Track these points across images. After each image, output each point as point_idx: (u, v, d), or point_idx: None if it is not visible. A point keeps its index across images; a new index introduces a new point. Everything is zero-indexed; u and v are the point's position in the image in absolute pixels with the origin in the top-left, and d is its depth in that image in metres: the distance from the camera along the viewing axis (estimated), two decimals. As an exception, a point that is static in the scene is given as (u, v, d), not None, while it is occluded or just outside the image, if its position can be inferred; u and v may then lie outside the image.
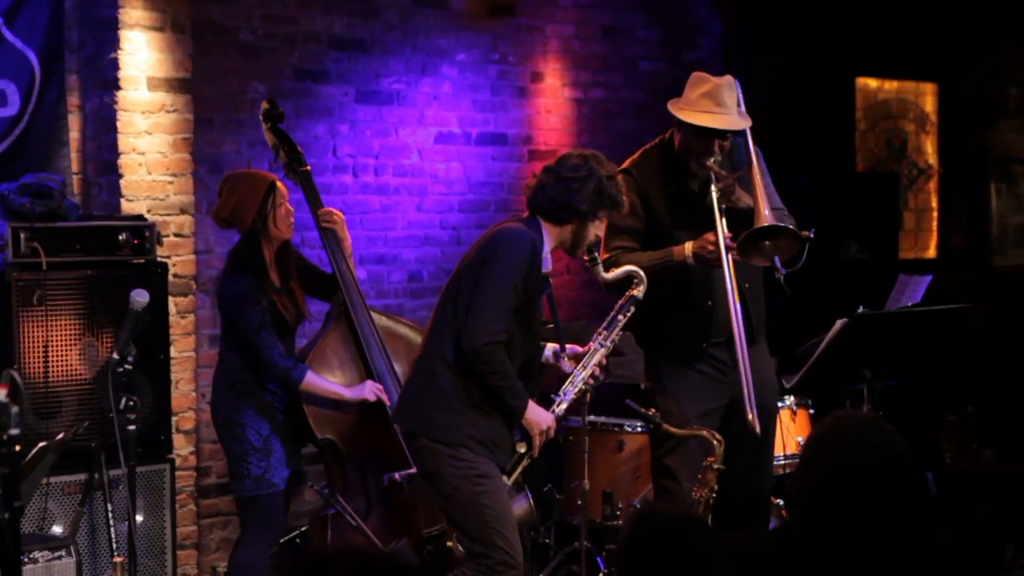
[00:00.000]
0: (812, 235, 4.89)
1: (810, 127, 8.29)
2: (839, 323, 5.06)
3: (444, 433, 4.57)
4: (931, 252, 9.34)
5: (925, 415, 7.17)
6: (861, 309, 5.16)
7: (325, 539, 5.18)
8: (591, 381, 4.88)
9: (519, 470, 4.69)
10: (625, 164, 5.25)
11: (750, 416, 4.94)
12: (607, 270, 5.00)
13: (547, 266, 4.71)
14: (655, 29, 8.10)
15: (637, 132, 7.92)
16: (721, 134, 5.05)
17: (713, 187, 4.99)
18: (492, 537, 4.53)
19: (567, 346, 4.91)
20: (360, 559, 2.29)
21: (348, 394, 5.18)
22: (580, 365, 4.85)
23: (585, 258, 4.77)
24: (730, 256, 4.93)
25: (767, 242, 4.95)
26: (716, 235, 4.93)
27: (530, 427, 4.64)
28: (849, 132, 8.86)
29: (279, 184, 5.21)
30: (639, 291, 4.86)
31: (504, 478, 4.65)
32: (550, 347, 4.89)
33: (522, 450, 4.67)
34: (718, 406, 5.18)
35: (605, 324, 4.88)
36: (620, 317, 4.86)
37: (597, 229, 4.72)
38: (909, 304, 6.13)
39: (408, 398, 4.73)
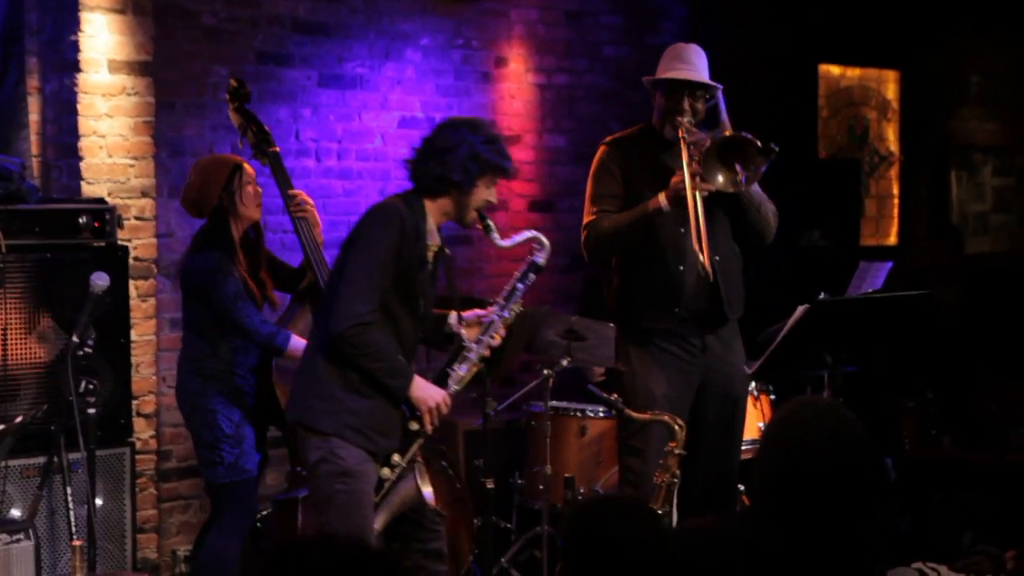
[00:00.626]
0: (776, 148, 4.93)
1: (772, 113, 8.29)
2: (800, 309, 5.08)
3: (318, 421, 4.48)
4: (892, 239, 9.39)
5: (885, 401, 7.21)
6: (822, 295, 5.19)
7: (295, 523, 5.17)
8: (487, 353, 4.74)
9: (413, 449, 4.60)
10: (606, 139, 5.42)
11: (702, 258, 4.94)
12: (589, 232, 5.15)
13: (437, 240, 4.64)
14: (619, 14, 8.10)
15: (601, 117, 7.93)
16: (688, 87, 5.15)
17: (681, 133, 5.06)
18: None
19: (466, 313, 4.81)
20: (333, 544, 2.27)
21: None
22: (477, 337, 4.72)
23: (479, 226, 4.67)
24: (696, 186, 4.95)
25: (731, 164, 4.98)
26: (682, 168, 4.99)
27: (418, 404, 4.54)
28: (811, 119, 8.89)
29: (246, 165, 5.19)
30: (540, 257, 4.76)
31: (396, 456, 4.56)
32: (453, 315, 4.81)
33: (414, 428, 4.59)
34: (688, 388, 5.23)
35: (505, 293, 4.76)
36: (520, 285, 4.75)
37: (485, 195, 4.60)
38: (870, 291, 6.16)
39: (293, 388, 4.65)
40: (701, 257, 4.94)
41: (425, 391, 4.55)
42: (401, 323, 4.55)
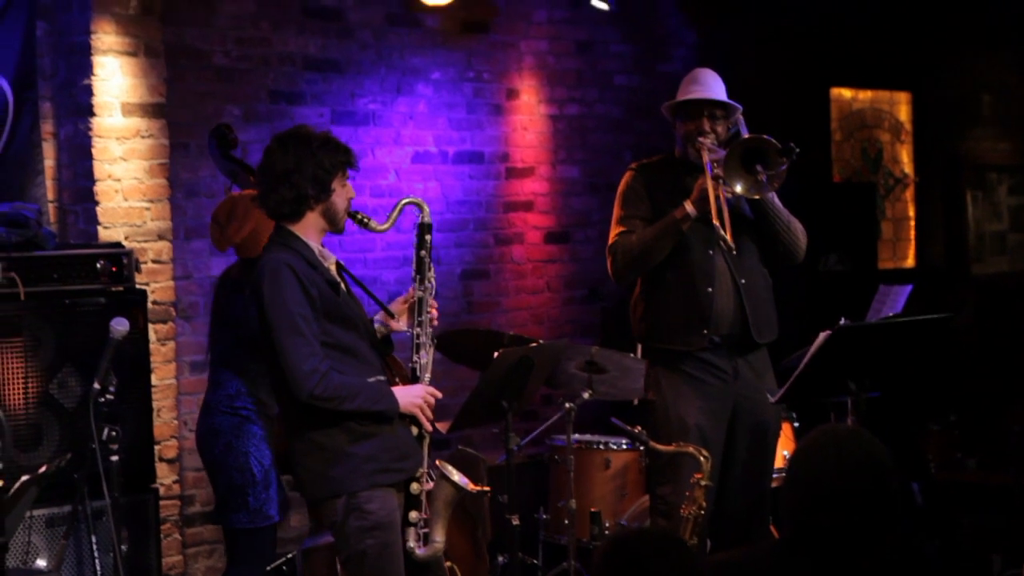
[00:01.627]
0: (796, 148, 4.98)
1: (785, 138, 8.28)
2: (822, 336, 5.05)
3: (345, 485, 4.44)
4: (909, 261, 9.36)
5: (909, 425, 7.17)
6: (843, 321, 5.16)
7: (332, 569, 5.13)
8: (432, 327, 4.69)
9: (425, 454, 4.58)
10: (632, 165, 5.46)
11: (717, 224, 4.98)
12: (616, 251, 5.20)
13: (330, 257, 4.59)
14: (629, 43, 8.11)
15: (613, 147, 7.94)
16: (708, 107, 5.21)
17: (704, 151, 5.12)
18: None
19: (392, 307, 4.78)
20: None
21: None
22: (416, 322, 4.66)
23: (354, 222, 4.64)
24: (723, 201, 5.02)
25: (754, 167, 5.04)
26: (704, 177, 5.05)
27: (410, 412, 4.53)
28: (825, 143, 8.87)
29: None
30: (423, 216, 4.69)
31: (421, 470, 4.54)
32: (379, 316, 4.78)
33: (415, 432, 4.56)
34: (721, 418, 5.22)
35: (414, 268, 4.69)
36: (422, 252, 4.69)
37: (344, 194, 4.56)
38: (890, 314, 6.13)
39: (299, 472, 4.55)
40: (723, 232, 4.96)
41: (407, 396, 4.54)
42: (356, 349, 4.52)
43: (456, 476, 4.61)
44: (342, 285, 4.58)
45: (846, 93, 9.08)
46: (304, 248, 4.50)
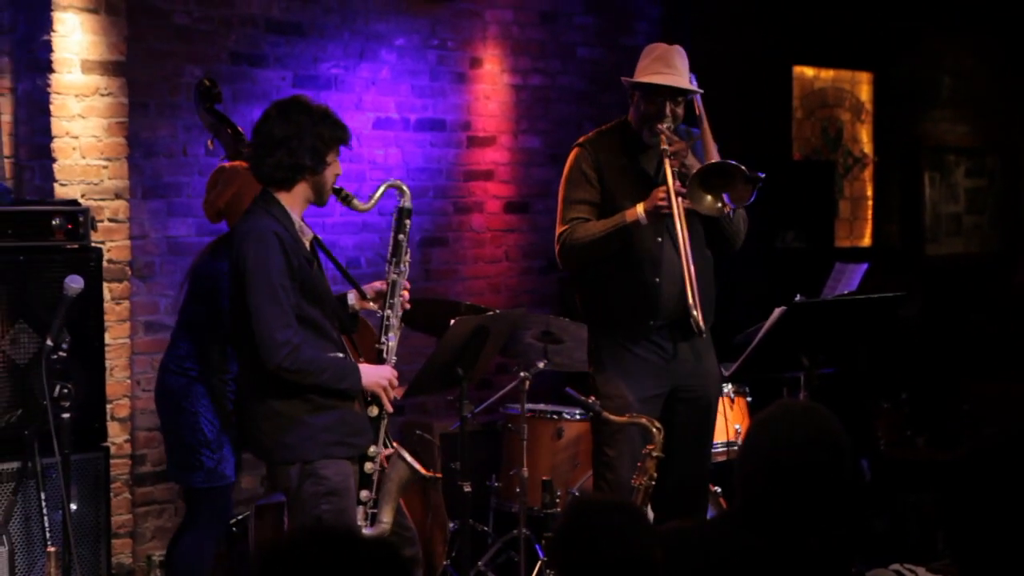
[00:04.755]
0: (763, 176, 4.91)
1: (747, 115, 8.31)
2: (777, 311, 5.08)
3: (300, 453, 4.46)
4: (866, 240, 9.42)
5: (860, 402, 7.22)
6: (798, 297, 5.19)
7: (277, 528, 5.12)
8: (406, 306, 4.70)
9: (382, 434, 4.60)
10: (580, 140, 5.33)
11: (695, 313, 4.96)
12: (563, 242, 5.11)
13: (308, 232, 4.59)
14: (593, 15, 8.10)
15: (576, 118, 7.93)
16: (671, 93, 5.08)
17: (663, 143, 5.02)
18: None
19: (365, 287, 4.79)
20: (326, 535, 2.23)
21: None
22: (387, 304, 4.67)
23: (337, 199, 4.65)
24: (680, 205, 4.93)
25: (717, 189, 4.95)
26: (667, 184, 4.95)
27: (373, 390, 4.55)
28: (786, 121, 8.90)
29: None
30: (404, 201, 4.69)
31: (371, 448, 4.55)
32: (352, 294, 4.79)
33: (374, 414, 4.58)
34: (660, 393, 5.19)
35: (391, 251, 4.69)
36: (400, 236, 4.69)
37: (335, 169, 4.59)
38: (845, 292, 6.18)
39: (254, 434, 4.58)
40: (692, 304, 4.95)
41: (373, 376, 4.55)
42: (321, 325, 4.52)
43: (409, 459, 4.62)
44: (315, 262, 4.58)
45: (808, 71, 9.12)
46: (285, 219, 4.49)
